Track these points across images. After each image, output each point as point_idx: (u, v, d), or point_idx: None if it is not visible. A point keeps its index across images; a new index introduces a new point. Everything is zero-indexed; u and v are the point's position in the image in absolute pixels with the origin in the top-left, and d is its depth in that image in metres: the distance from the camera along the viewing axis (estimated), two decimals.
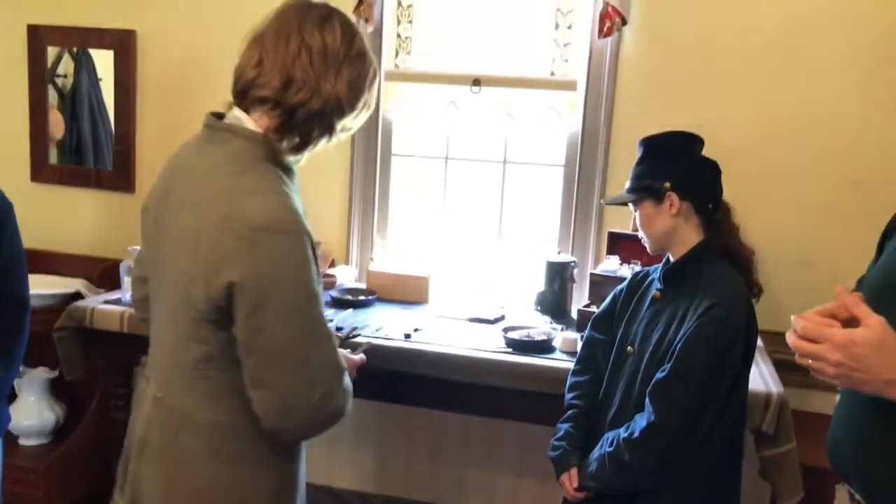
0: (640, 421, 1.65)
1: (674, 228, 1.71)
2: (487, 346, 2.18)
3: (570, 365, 1.96)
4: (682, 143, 1.74)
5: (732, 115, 2.53)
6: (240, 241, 1.20)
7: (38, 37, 3.03)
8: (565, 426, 1.84)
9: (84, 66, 3.05)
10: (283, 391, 1.25)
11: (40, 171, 3.10)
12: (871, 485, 1.22)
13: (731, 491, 1.72)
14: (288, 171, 1.33)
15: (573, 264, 2.54)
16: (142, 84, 2.99)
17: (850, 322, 1.09)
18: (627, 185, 1.77)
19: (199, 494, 1.33)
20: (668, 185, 1.68)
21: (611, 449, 1.69)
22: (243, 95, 1.32)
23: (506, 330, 2.25)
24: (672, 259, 1.75)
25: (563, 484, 1.79)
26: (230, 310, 1.24)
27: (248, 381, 1.26)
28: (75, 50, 3.02)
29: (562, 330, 2.31)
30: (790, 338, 1.12)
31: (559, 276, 2.50)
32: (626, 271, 2.27)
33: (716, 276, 1.67)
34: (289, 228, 1.23)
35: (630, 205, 1.78)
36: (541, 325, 2.36)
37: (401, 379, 2.11)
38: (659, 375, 1.64)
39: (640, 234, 1.79)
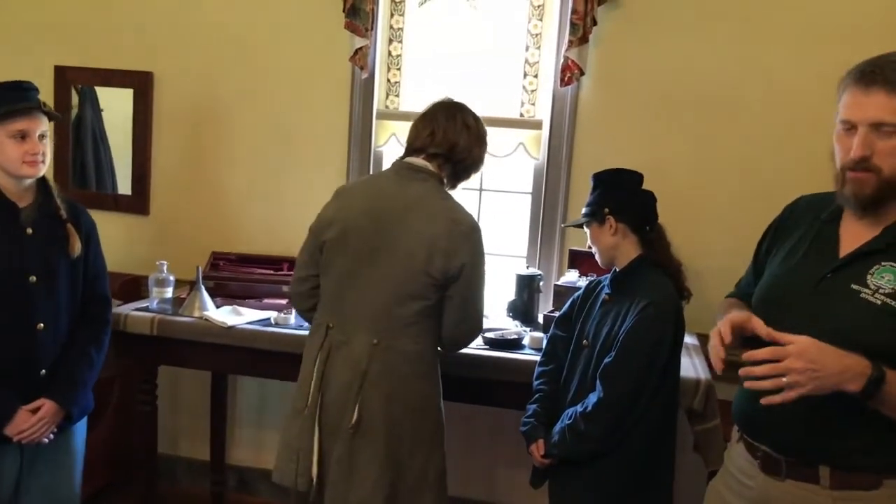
0: (592, 398, 1.92)
1: (615, 245, 2.01)
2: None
3: (537, 358, 2.21)
4: (622, 177, 2.04)
5: (673, 151, 2.77)
6: (463, 236, 1.94)
7: (64, 77, 3.23)
8: (533, 406, 2.10)
9: (88, 99, 3.26)
10: (473, 321, 2.03)
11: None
12: (780, 439, 1.45)
13: (665, 454, 1.98)
14: None
15: (539, 277, 2.74)
16: (157, 119, 3.21)
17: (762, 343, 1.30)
18: (582, 210, 2.11)
19: (408, 401, 1.97)
20: (607, 210, 1.99)
21: (569, 422, 1.95)
22: (420, 151, 2.02)
23: (484, 331, 2.42)
24: (617, 269, 2.06)
25: (531, 453, 2.05)
26: (458, 277, 1.94)
27: (455, 317, 1.99)
28: (79, 85, 3.24)
29: (530, 331, 2.53)
30: (757, 371, 1.28)
31: (528, 287, 2.72)
32: (585, 283, 2.50)
33: (651, 283, 1.96)
34: (479, 230, 2.00)
35: (584, 226, 2.10)
36: (512, 328, 2.59)
37: None
38: (606, 360, 1.91)
39: (593, 249, 2.11)
